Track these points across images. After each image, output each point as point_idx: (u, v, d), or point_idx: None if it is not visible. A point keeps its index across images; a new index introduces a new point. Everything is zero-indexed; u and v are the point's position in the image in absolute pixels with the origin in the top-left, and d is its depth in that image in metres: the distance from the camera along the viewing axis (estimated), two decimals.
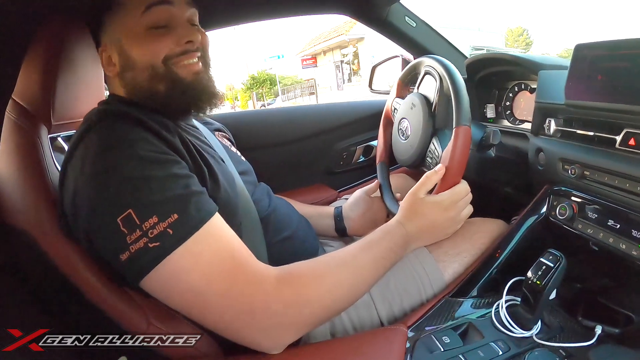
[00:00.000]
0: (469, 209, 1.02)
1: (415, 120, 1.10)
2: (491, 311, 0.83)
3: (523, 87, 1.34)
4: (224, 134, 1.26)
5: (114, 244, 0.67)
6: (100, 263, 0.77)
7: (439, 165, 0.98)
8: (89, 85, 1.00)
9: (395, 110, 1.27)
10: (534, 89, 1.17)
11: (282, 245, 0.99)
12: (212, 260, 0.69)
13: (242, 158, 1.20)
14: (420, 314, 0.89)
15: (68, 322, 0.82)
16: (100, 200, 0.68)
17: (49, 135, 0.89)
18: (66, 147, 0.96)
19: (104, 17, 0.85)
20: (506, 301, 0.83)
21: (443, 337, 0.76)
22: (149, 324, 0.78)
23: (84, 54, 0.94)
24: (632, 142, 0.84)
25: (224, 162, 0.99)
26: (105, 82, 0.96)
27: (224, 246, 0.72)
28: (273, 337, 0.72)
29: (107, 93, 1.04)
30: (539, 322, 0.79)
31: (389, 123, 1.33)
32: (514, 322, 0.79)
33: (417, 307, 0.95)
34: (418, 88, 1.16)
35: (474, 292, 0.94)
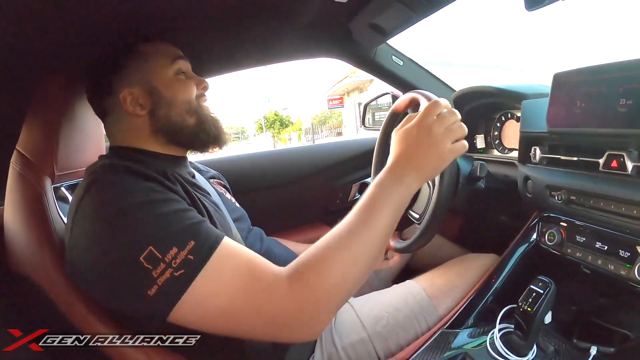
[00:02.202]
0: (456, 134, 0.86)
1: None
2: (486, 340, 0.83)
3: (510, 116, 1.36)
4: (219, 181, 1.29)
5: (140, 282, 0.68)
6: (106, 310, 0.80)
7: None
8: (89, 136, 1.03)
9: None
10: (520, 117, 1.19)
11: None
12: (232, 278, 0.72)
13: (237, 204, 1.23)
14: (417, 347, 0.89)
15: None
16: (119, 246, 0.69)
17: (52, 185, 0.91)
18: (69, 197, 0.98)
19: (125, 64, 0.92)
20: (500, 329, 0.83)
21: None
22: None
23: (84, 105, 0.97)
24: (614, 164, 0.85)
25: (220, 210, 1.01)
26: (107, 132, 0.98)
27: (240, 260, 0.75)
28: (306, 330, 0.75)
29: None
30: (534, 348, 0.80)
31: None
32: (508, 349, 0.79)
33: (413, 342, 0.95)
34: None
35: (470, 322, 0.94)
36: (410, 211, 1.14)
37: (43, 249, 0.82)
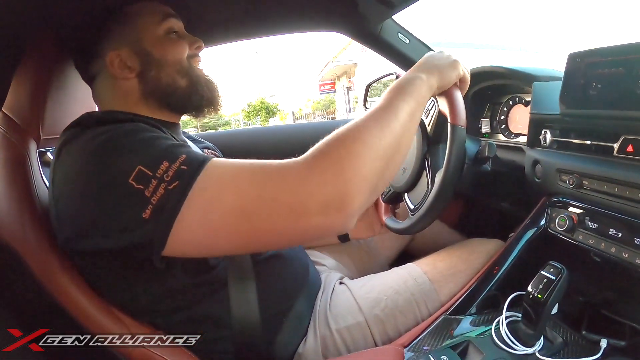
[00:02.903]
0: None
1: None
2: (491, 328, 0.80)
3: (517, 100, 1.32)
4: (213, 152, 1.25)
5: (133, 207, 0.63)
6: (89, 279, 0.78)
7: None
8: (79, 101, 1.01)
9: None
10: (529, 102, 1.16)
11: (268, 262, 0.96)
12: (235, 174, 0.66)
13: None
14: (418, 332, 0.86)
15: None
16: (105, 173, 0.65)
17: (37, 150, 0.89)
18: None
19: (111, 26, 0.89)
20: (506, 317, 0.80)
21: (441, 357, 0.73)
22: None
23: (75, 69, 0.94)
24: (630, 148, 0.82)
25: None
26: (96, 98, 0.95)
27: (240, 161, 0.68)
28: (334, 214, 0.65)
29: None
30: (542, 338, 0.76)
31: None
32: (515, 338, 0.76)
33: (412, 328, 0.92)
34: None
35: (473, 309, 0.91)
36: (407, 198, 1.12)
37: (23, 215, 0.78)
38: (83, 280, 0.77)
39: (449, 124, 0.91)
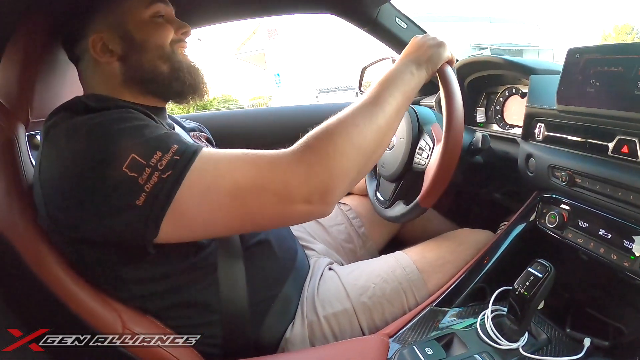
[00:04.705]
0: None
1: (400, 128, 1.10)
2: (476, 322, 0.80)
3: (514, 91, 1.31)
4: (201, 133, 1.23)
5: (126, 194, 0.65)
6: (75, 264, 0.77)
7: None
8: (68, 83, 0.98)
9: None
10: (525, 93, 1.15)
11: (257, 248, 0.96)
12: (229, 163, 0.70)
13: None
14: (403, 323, 0.86)
15: (40, 323, 0.79)
16: (99, 160, 0.66)
17: (26, 133, 0.87)
18: None
19: (98, 7, 0.86)
20: (492, 311, 0.80)
21: (426, 348, 0.73)
22: (123, 326, 0.76)
23: (64, 51, 0.92)
24: (625, 149, 0.81)
25: None
26: (81, 80, 0.93)
27: (233, 151, 0.73)
28: (317, 202, 0.73)
29: None
30: (526, 334, 0.77)
31: None
32: (499, 333, 0.76)
33: (399, 317, 0.93)
34: None
35: (460, 302, 0.91)
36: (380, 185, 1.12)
37: (11, 200, 0.77)
38: (71, 265, 0.77)
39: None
